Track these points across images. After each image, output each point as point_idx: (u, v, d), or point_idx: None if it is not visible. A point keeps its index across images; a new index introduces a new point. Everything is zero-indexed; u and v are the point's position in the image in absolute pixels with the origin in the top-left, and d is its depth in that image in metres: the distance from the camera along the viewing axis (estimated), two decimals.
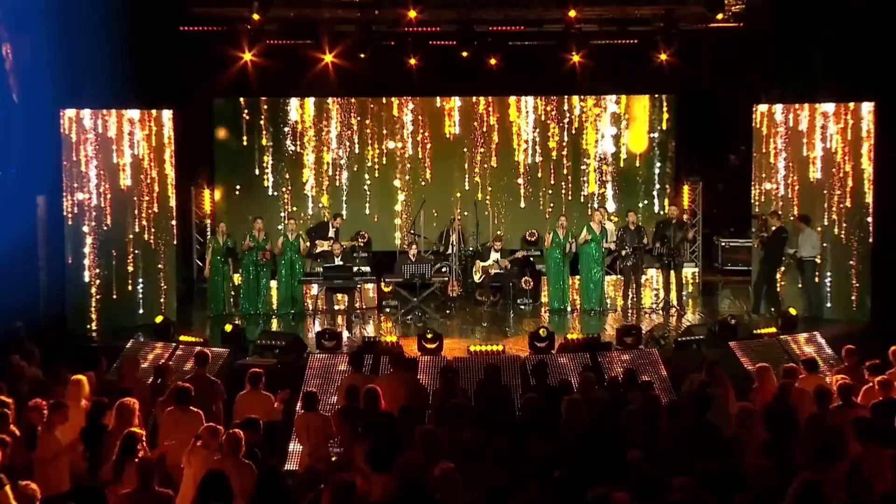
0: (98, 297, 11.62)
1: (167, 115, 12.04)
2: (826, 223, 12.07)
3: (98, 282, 11.61)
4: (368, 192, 15.13)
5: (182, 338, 10.45)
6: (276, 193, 14.95)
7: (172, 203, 12.17)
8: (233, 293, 12.80)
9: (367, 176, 15.13)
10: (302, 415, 7.33)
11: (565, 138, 15.09)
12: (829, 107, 12.03)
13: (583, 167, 15.12)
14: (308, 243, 12.87)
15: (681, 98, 14.99)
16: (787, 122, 12.29)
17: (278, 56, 13.37)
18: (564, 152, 15.11)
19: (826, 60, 12.37)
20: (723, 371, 8.03)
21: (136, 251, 11.86)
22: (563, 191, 15.13)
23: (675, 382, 8.85)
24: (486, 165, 15.11)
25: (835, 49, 12.06)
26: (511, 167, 15.16)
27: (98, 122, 11.60)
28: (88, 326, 11.47)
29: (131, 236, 11.83)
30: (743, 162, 14.04)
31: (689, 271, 13.71)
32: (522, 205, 15.21)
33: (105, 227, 11.66)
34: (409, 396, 7.39)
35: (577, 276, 13.04)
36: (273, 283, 12.83)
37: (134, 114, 11.78)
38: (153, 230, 11.94)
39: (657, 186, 15.20)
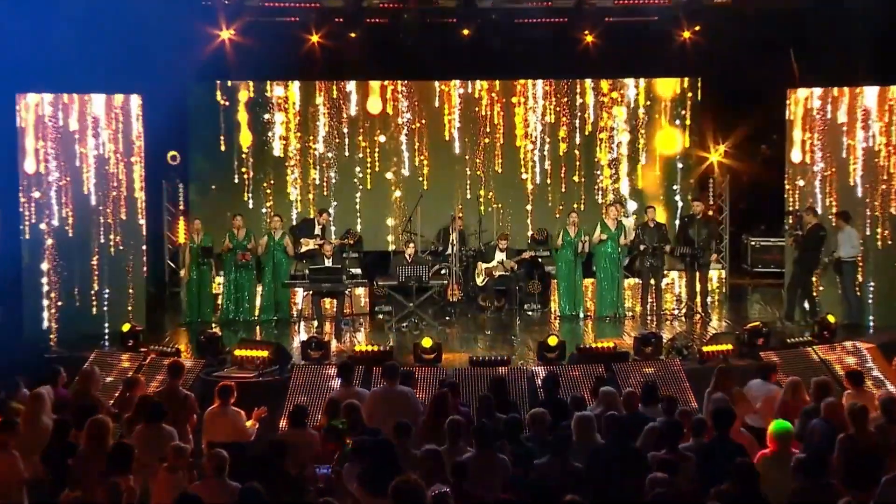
0: (57, 302, 11.63)
1: (135, 101, 12.03)
2: (868, 220, 12.08)
3: (57, 286, 11.62)
4: (359, 186, 15.15)
5: (152, 347, 10.43)
6: (255, 186, 14.98)
7: (141, 198, 12.15)
8: (210, 298, 12.81)
9: (358, 168, 15.14)
10: (287, 433, 7.30)
11: (577, 126, 15.10)
12: (872, 92, 12.01)
13: (596, 158, 15.13)
14: (292, 245, 12.86)
15: (706, 82, 15.00)
16: (825, 109, 12.27)
17: (259, 35, 13.38)
18: (577, 142, 15.12)
19: (868, 39, 12.36)
20: (733, 382, 8.02)
21: (101, 252, 11.85)
22: (575, 184, 15.14)
23: (699, 397, 8.84)
24: (489, 156, 15.12)
25: (877, 26, 12.06)
26: (517, 158, 15.17)
27: (59, 109, 11.59)
28: (46, 335, 11.47)
29: (95, 235, 11.83)
30: (775, 152, 14.04)
31: (714, 273, 13.70)
32: (530, 200, 15.23)
33: (66, 226, 11.66)
34: (404, 413, 7.37)
35: (591, 279, 13.03)
36: (256, 287, 12.83)
37: (99, 100, 11.77)
38: (119, 228, 11.93)
39: (680, 179, 15.21)
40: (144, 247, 12.19)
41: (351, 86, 15.03)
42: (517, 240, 14.67)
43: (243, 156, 14.99)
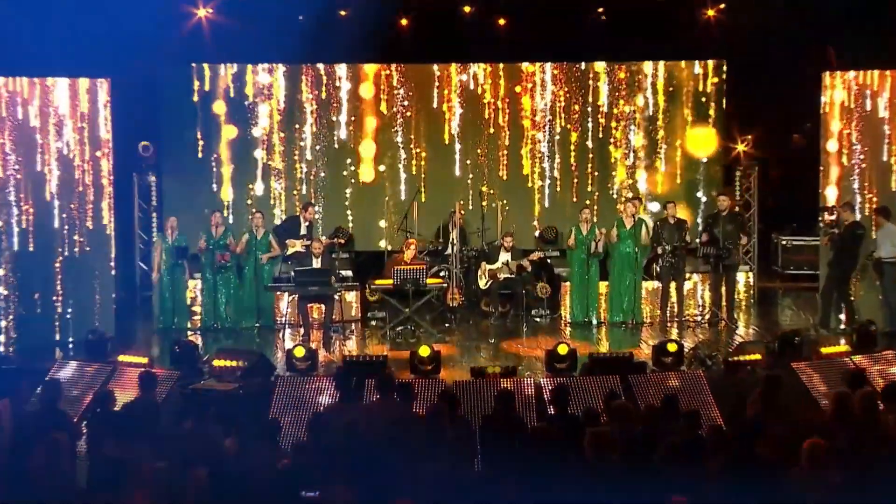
0: (16, 308, 11.60)
1: (103, 85, 12.02)
2: None
3: (16, 290, 11.59)
4: (350, 180, 15.15)
5: (122, 357, 10.42)
6: (236, 181, 14.99)
7: (110, 193, 12.15)
8: (185, 302, 12.81)
9: (348, 161, 15.14)
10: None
11: (589, 114, 15.11)
12: None
13: (609, 147, 15.13)
14: (276, 245, 12.85)
15: (732, 65, 15.01)
16: (864, 94, 12.27)
17: (240, 13, 13.38)
18: (589, 131, 15.12)
19: None
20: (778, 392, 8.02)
21: (64, 251, 11.84)
22: (587, 178, 15.15)
23: (724, 411, 8.83)
24: (492, 147, 15.12)
25: None
26: (524, 148, 15.17)
27: (16, 95, 11.59)
28: (4, 344, 11.45)
29: (58, 234, 11.81)
30: (809, 142, 14.04)
31: (742, 276, 13.69)
32: (537, 195, 15.23)
33: (24, 223, 11.66)
34: (400, 428, 7.37)
35: (607, 282, 13.03)
36: (235, 291, 12.85)
37: (62, 85, 11.77)
38: (85, 226, 11.92)
39: (703, 171, 15.22)
40: (113, 246, 12.17)
41: (341, 70, 15.03)
42: (524, 239, 14.68)
43: (222, 147, 14.98)
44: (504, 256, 13.07)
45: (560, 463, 6.32)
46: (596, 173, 15.22)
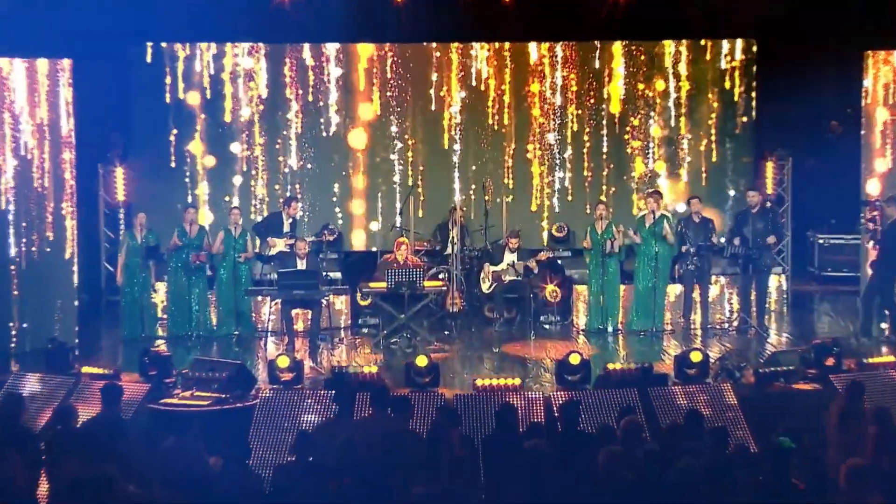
0: None
1: (64, 67, 12.01)
2: None
3: None
4: (341, 173, 15.15)
5: (85, 369, 10.42)
6: (212, 173, 14.99)
7: (72, 186, 12.14)
8: (157, 308, 12.79)
9: (337, 152, 15.14)
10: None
11: (605, 99, 15.11)
12: None
13: (626, 136, 15.13)
14: (256, 242, 12.85)
15: (763, 44, 15.00)
16: None
17: None
18: (603, 119, 15.12)
19: None
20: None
21: (21, 251, 11.85)
22: (603, 169, 15.15)
23: (755, 429, 8.83)
24: (497, 136, 15.12)
25: None
26: (532, 138, 15.17)
27: None
28: None
29: (12, 230, 11.82)
30: (849, 130, 14.04)
31: (774, 278, 13.68)
32: (546, 189, 15.23)
33: None
34: (395, 447, 7.37)
35: (626, 285, 13.04)
36: (211, 295, 12.85)
37: (18, 66, 11.75)
38: (45, 224, 11.92)
39: (731, 163, 15.22)
40: (75, 246, 12.17)
41: (330, 51, 15.01)
42: (531, 238, 14.67)
43: (197, 136, 14.98)
44: (509, 257, 13.07)
45: (570, 486, 6.31)
46: (612, 165, 15.21)
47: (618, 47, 15.11)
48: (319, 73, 15.05)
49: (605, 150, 15.20)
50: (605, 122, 15.17)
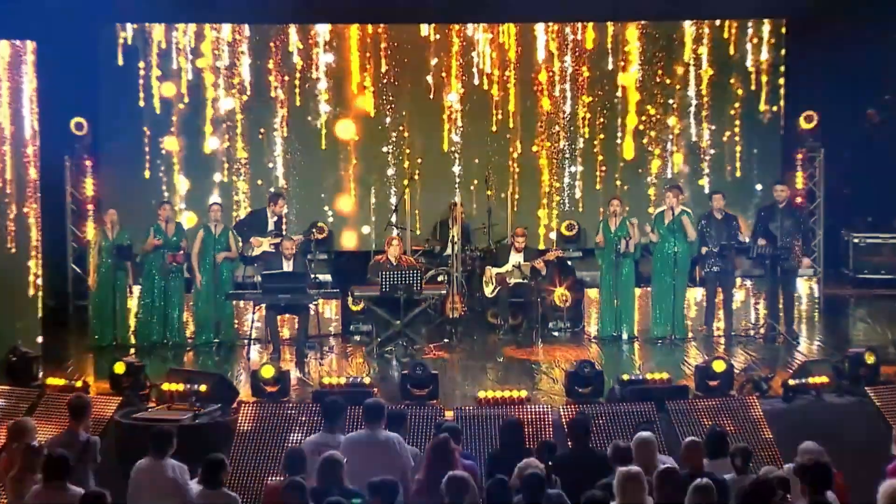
0: None
1: (28, 49, 12.00)
2: None
3: None
4: (327, 166, 15.15)
5: (50, 381, 10.42)
6: (189, 165, 14.99)
7: (35, 179, 12.14)
8: (128, 313, 12.81)
9: (325, 143, 15.13)
10: (201, 492, 7.29)
11: (619, 85, 15.11)
12: None
13: (642, 127, 15.13)
14: (240, 242, 12.85)
15: (794, 26, 15.00)
16: None
17: None
18: (617, 106, 15.12)
19: None
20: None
21: None
22: (616, 161, 15.15)
23: (784, 447, 8.84)
24: (501, 126, 15.13)
25: None
26: (538, 128, 15.18)
27: None
28: None
29: None
30: (888, 119, 14.04)
31: (804, 280, 13.68)
32: (556, 183, 15.23)
33: None
34: (389, 467, 7.37)
35: (643, 288, 13.04)
36: (188, 299, 12.85)
37: None
38: (7, 219, 11.91)
39: (757, 156, 15.21)
40: (39, 245, 12.16)
41: (319, 33, 14.98)
42: (539, 236, 14.67)
43: (174, 125, 14.97)
44: (515, 257, 13.06)
45: None
46: (627, 158, 15.20)
47: (633, 32, 15.08)
48: (307, 58, 15.03)
49: (618, 141, 15.17)
50: (619, 110, 15.15)
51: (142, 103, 14.88)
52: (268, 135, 15.08)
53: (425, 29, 15.06)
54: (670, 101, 15.16)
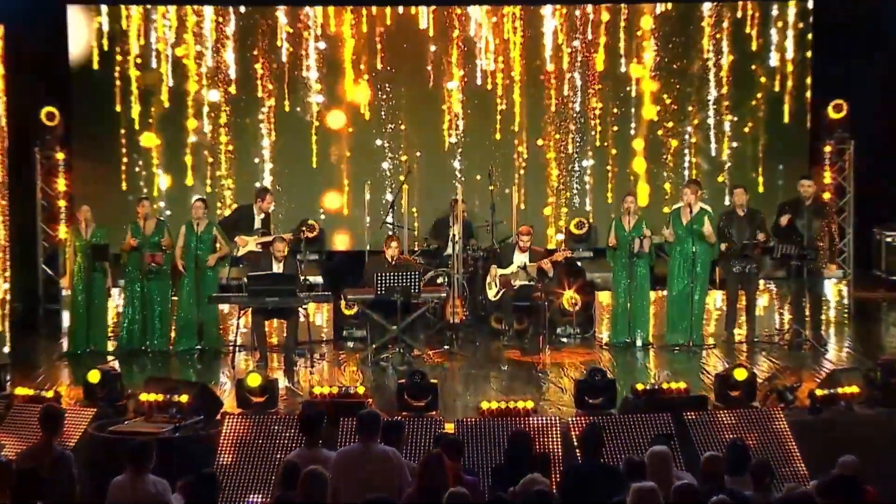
0: None
1: None
2: None
3: None
4: (319, 160, 15.15)
5: (19, 390, 10.41)
6: (169, 158, 15.00)
7: (2, 173, 12.13)
8: (104, 318, 12.81)
9: (317, 135, 15.13)
10: None
11: (632, 73, 15.11)
12: None
13: (657, 118, 15.13)
14: (225, 239, 12.85)
15: (821, 5, 15.00)
16: None
17: None
18: (630, 94, 15.12)
19: None
20: None
21: None
22: (629, 154, 15.15)
23: (811, 464, 8.84)
24: (506, 116, 15.13)
25: None
26: (545, 119, 15.18)
27: None
28: None
29: None
30: None
31: (833, 283, 13.67)
32: (564, 177, 15.23)
33: None
34: (384, 483, 7.37)
35: (658, 292, 13.05)
36: (170, 303, 12.85)
37: None
38: None
39: (781, 148, 15.21)
40: (7, 244, 12.16)
41: (311, 16, 14.97)
42: (546, 235, 14.67)
43: (152, 115, 14.96)
44: (520, 258, 13.06)
45: None
46: (642, 150, 15.19)
47: (647, 19, 15.07)
48: (297, 45, 15.01)
49: (632, 132, 15.17)
50: (632, 99, 15.14)
51: (118, 92, 14.86)
52: (254, 126, 15.06)
53: (424, 17, 15.03)
54: (688, 91, 15.14)
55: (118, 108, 14.87)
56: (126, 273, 12.67)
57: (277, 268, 12.22)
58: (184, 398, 9.77)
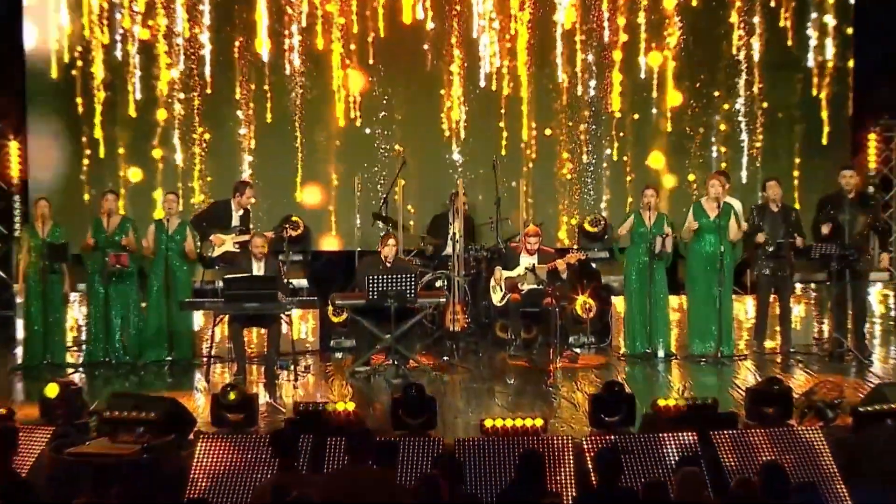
0: None
1: None
2: None
3: None
4: (304, 151, 15.14)
5: None
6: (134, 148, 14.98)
7: None
8: (63, 326, 12.79)
9: (296, 117, 15.12)
10: None
11: (647, 44, 15.12)
12: None
13: (681, 103, 15.13)
14: (197, 239, 12.85)
15: None
16: None
17: None
18: (652, 77, 15.13)
19: None
20: None
21: None
22: (649, 140, 15.17)
23: (853, 487, 8.82)
24: (511, 98, 15.13)
25: None
26: (556, 105, 15.18)
27: None
28: None
29: None
30: None
31: (878, 288, 13.67)
32: (578, 168, 15.23)
33: None
34: None
35: (680, 296, 13.03)
36: (137, 309, 12.85)
37: None
38: None
39: (820, 136, 15.22)
40: None
41: None
42: (557, 233, 14.67)
43: (116, 97, 14.95)
44: (528, 259, 13.06)
45: None
46: (664, 139, 15.21)
47: None
48: (277, 7, 15.01)
49: (653, 119, 15.16)
50: (654, 83, 15.14)
51: (78, 73, 14.84)
52: (231, 112, 15.03)
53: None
54: (715, 72, 15.14)
55: (79, 90, 14.84)
56: (87, 276, 12.63)
57: (257, 269, 12.20)
58: (152, 415, 9.76)
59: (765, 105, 15.20)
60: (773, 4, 15.11)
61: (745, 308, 13.35)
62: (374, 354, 12.34)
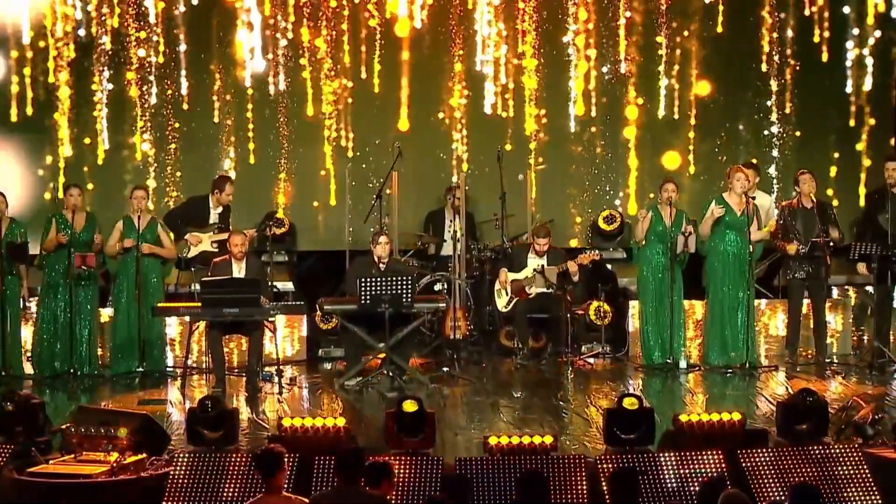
0: None
1: None
2: None
3: None
4: (288, 143, 15.15)
5: None
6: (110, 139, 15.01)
7: None
8: (24, 335, 12.81)
9: (284, 105, 15.13)
10: None
11: (668, 23, 15.16)
12: None
13: (706, 91, 15.15)
14: (171, 236, 12.85)
15: None
16: None
17: None
18: (674, 63, 15.15)
19: None
20: None
21: None
22: (670, 131, 15.19)
23: None
24: (516, 86, 15.16)
25: None
26: (568, 91, 15.20)
27: None
28: None
29: None
30: None
31: None
32: (590, 159, 15.26)
33: None
34: None
35: (703, 301, 13.05)
36: (104, 313, 12.84)
37: None
38: None
39: (859, 124, 15.23)
40: None
41: None
42: (567, 232, 14.68)
43: (82, 78, 14.95)
44: (536, 260, 13.07)
45: None
46: (686, 128, 15.21)
47: None
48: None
49: (675, 108, 15.16)
50: (675, 70, 15.15)
51: (40, 47, 14.85)
52: (206, 100, 15.03)
53: None
54: (745, 55, 15.15)
55: (41, 68, 14.85)
56: (49, 278, 12.63)
57: (237, 271, 12.20)
58: (122, 432, 9.75)
59: (796, 89, 15.19)
60: None
61: (775, 314, 13.32)
62: (367, 365, 12.36)
